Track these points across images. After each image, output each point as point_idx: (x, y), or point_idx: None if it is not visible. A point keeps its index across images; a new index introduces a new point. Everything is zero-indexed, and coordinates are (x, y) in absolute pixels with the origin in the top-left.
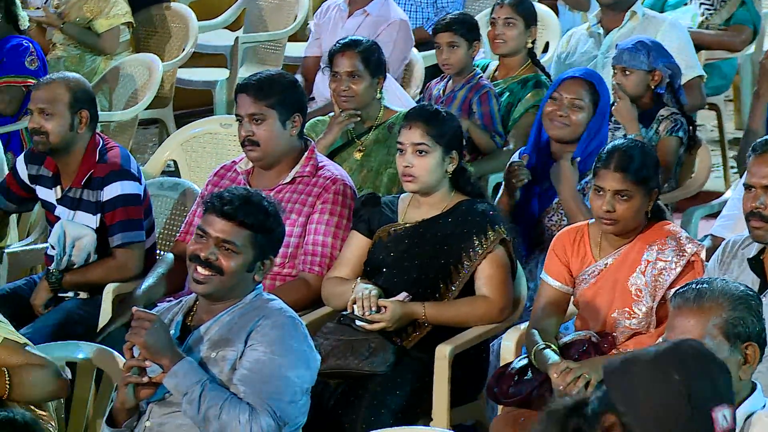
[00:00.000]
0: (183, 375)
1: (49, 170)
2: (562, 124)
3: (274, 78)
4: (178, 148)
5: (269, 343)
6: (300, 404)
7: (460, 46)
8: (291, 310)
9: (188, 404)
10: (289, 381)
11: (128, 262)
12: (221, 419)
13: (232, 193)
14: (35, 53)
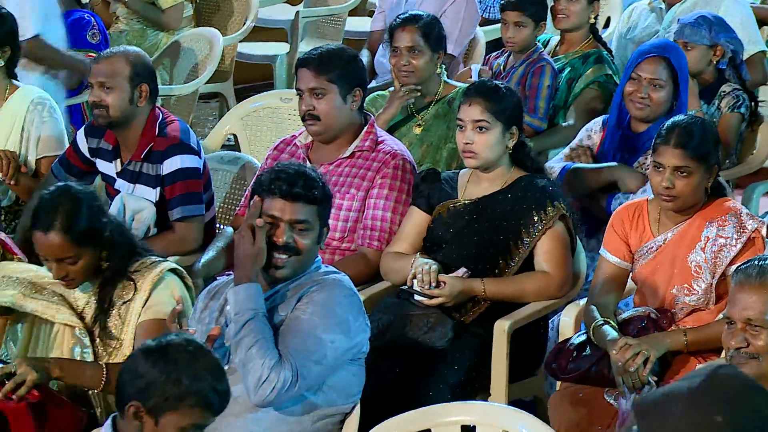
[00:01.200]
0: (244, 297)
1: (109, 144)
2: (644, 105)
3: (335, 52)
4: (238, 122)
5: (312, 304)
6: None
7: (527, 26)
8: (347, 281)
9: (233, 323)
10: (321, 342)
11: (188, 235)
12: (249, 352)
13: (288, 172)
14: (97, 27)
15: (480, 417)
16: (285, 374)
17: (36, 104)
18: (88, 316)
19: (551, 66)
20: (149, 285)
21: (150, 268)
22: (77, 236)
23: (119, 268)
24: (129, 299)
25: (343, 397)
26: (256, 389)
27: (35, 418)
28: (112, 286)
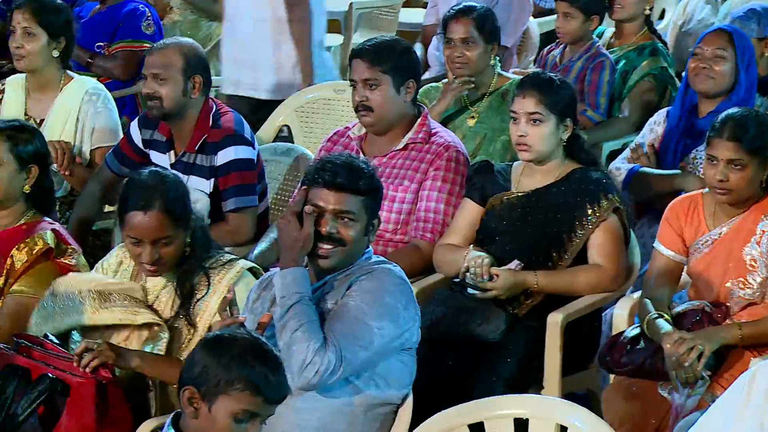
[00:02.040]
0: (291, 280)
1: (163, 135)
2: (706, 77)
3: (389, 44)
4: (291, 113)
5: (361, 291)
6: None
7: (576, 17)
8: (398, 270)
9: (279, 307)
10: (368, 328)
11: (241, 226)
12: (294, 335)
13: (334, 162)
14: (151, 18)
15: (533, 410)
16: (329, 357)
17: (90, 95)
18: (162, 309)
19: (610, 61)
20: (227, 286)
21: (227, 267)
22: (175, 216)
23: (199, 259)
24: (202, 297)
25: (394, 388)
26: (300, 372)
27: (97, 398)
28: (190, 278)
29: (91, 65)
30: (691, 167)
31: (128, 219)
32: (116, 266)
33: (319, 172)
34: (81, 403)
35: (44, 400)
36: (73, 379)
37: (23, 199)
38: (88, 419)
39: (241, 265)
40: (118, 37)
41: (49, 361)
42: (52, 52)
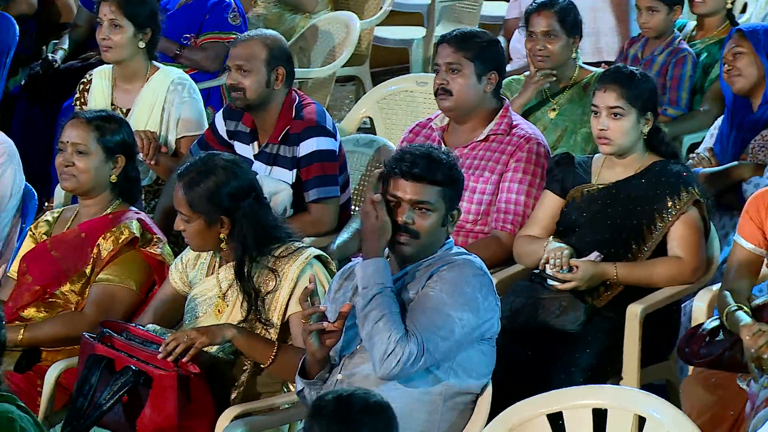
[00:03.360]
0: (373, 271)
1: (247, 126)
2: (734, 76)
3: (476, 33)
4: (374, 105)
5: (441, 282)
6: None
7: (660, 10)
8: (478, 261)
9: (362, 298)
10: (448, 318)
11: (323, 216)
12: (377, 325)
13: (413, 153)
14: (237, 10)
15: (612, 400)
16: (410, 348)
17: (176, 85)
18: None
19: (692, 55)
20: (296, 273)
21: (295, 255)
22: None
23: (252, 258)
24: (271, 290)
25: (474, 377)
26: (381, 361)
27: (179, 390)
28: (251, 278)
29: (179, 57)
30: (750, 157)
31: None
32: (195, 259)
33: (397, 162)
34: (163, 394)
35: (127, 390)
36: (156, 371)
37: (110, 189)
38: (170, 410)
39: (308, 253)
40: (205, 29)
41: (132, 351)
42: (138, 43)
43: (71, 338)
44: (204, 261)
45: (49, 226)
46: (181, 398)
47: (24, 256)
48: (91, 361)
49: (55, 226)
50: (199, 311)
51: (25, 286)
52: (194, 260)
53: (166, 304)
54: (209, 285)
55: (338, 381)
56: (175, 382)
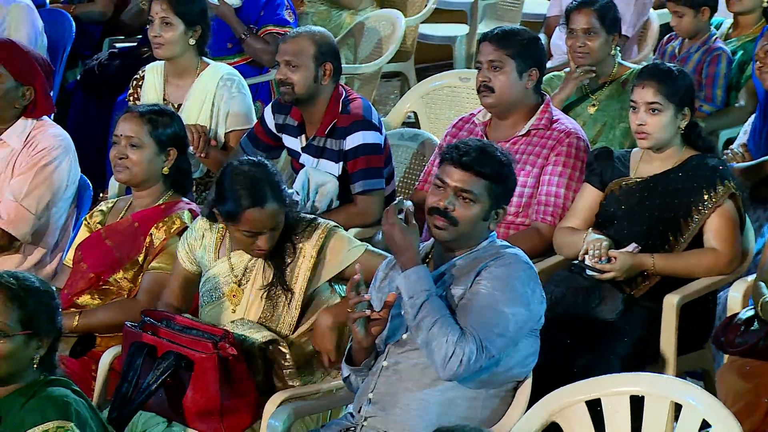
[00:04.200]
0: (415, 279)
1: (295, 120)
2: (765, 73)
3: (517, 31)
4: (418, 100)
5: (492, 279)
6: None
7: (686, 14)
8: (524, 255)
9: (410, 308)
10: (503, 315)
11: (369, 208)
12: (431, 331)
13: (468, 144)
14: (290, 7)
15: (649, 388)
16: (470, 347)
17: (225, 80)
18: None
19: (727, 54)
20: (315, 250)
21: (309, 230)
22: (283, 201)
23: (288, 231)
24: (290, 262)
25: (518, 367)
26: (444, 366)
27: (220, 372)
28: (280, 248)
29: (244, 41)
30: None
31: (246, 217)
32: (200, 239)
33: (452, 149)
34: (205, 376)
35: (170, 374)
36: (196, 355)
37: (162, 180)
38: (213, 392)
39: (323, 225)
40: (262, 23)
41: (174, 338)
42: (189, 40)
43: (124, 324)
44: (209, 242)
45: (104, 216)
46: (223, 380)
47: (79, 245)
48: (134, 348)
49: (109, 216)
50: (215, 294)
51: (80, 274)
52: (200, 240)
53: (181, 284)
54: (223, 268)
55: (383, 368)
56: (216, 364)
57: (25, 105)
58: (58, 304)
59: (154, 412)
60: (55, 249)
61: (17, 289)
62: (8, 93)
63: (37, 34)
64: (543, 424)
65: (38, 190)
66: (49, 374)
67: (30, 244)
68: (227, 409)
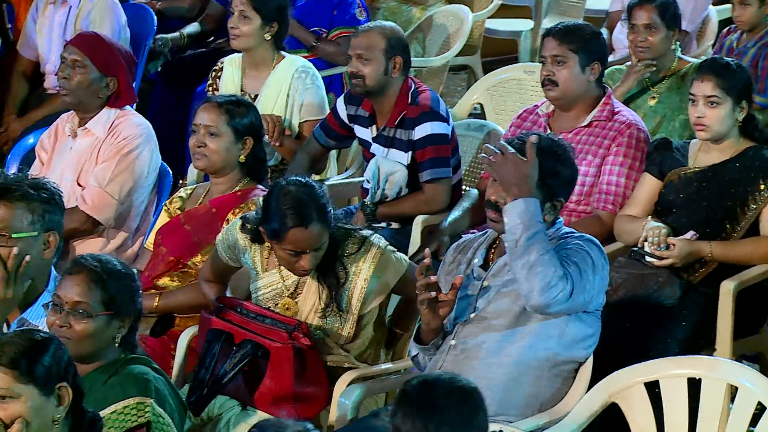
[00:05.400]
0: (535, 209)
1: (366, 111)
2: None
3: (579, 26)
4: (484, 92)
5: (572, 251)
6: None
7: (752, 4)
8: (593, 238)
9: (524, 227)
10: (586, 275)
11: (436, 196)
12: (543, 257)
13: (521, 140)
14: (362, 5)
15: (706, 371)
16: (568, 288)
17: (300, 72)
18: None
19: None
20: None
21: (363, 251)
22: (328, 221)
23: (335, 251)
24: (344, 283)
25: (580, 348)
26: (542, 291)
27: (295, 361)
28: (333, 269)
29: (316, 48)
30: None
31: (288, 237)
32: (243, 243)
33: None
34: (280, 365)
35: (247, 362)
36: (272, 344)
37: (239, 168)
38: (287, 379)
39: (377, 246)
40: (335, 24)
41: (249, 325)
42: (265, 35)
43: (202, 306)
44: (254, 252)
45: (183, 202)
46: (297, 368)
47: (159, 230)
48: (212, 335)
49: (188, 202)
50: (268, 304)
51: (160, 257)
52: (243, 246)
53: (219, 269)
54: (273, 279)
55: (451, 347)
56: (291, 354)
57: (108, 95)
58: (138, 285)
59: (230, 396)
60: (137, 233)
61: (100, 271)
62: (93, 83)
63: (120, 28)
64: (603, 404)
65: (121, 177)
66: (130, 353)
67: (113, 228)
68: (300, 395)
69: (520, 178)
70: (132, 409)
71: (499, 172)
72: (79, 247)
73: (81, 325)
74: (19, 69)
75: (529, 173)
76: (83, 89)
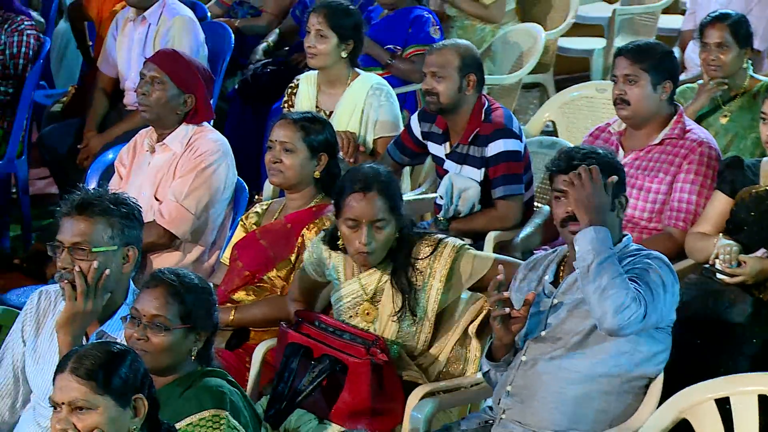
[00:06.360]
0: (604, 236)
1: (440, 128)
2: None
3: (651, 45)
4: (556, 110)
5: (641, 267)
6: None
7: None
8: (661, 254)
9: (595, 253)
10: (657, 294)
11: (509, 212)
12: (615, 280)
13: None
14: (436, 23)
15: None
16: (641, 309)
17: (375, 90)
18: (385, 306)
19: None
20: (445, 270)
21: (438, 252)
22: (391, 200)
23: (408, 253)
24: (421, 286)
25: (650, 365)
26: (614, 314)
27: (373, 376)
28: (405, 272)
29: (390, 66)
30: None
31: (347, 202)
32: (328, 258)
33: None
34: (358, 380)
35: (325, 377)
36: (350, 359)
37: (314, 184)
38: (365, 394)
39: (452, 244)
40: (409, 42)
41: (327, 340)
42: (341, 53)
43: (277, 320)
44: (338, 262)
45: (259, 217)
46: (374, 383)
47: (235, 244)
48: (290, 349)
49: (264, 217)
50: (350, 312)
51: (236, 272)
52: (327, 258)
53: (306, 287)
54: (353, 288)
55: (522, 362)
56: (369, 369)
57: (186, 111)
58: (215, 299)
59: (307, 410)
60: (213, 247)
61: (178, 285)
62: (171, 100)
63: (198, 45)
64: (673, 420)
65: (198, 192)
66: (206, 366)
67: (189, 242)
68: (377, 410)
69: (598, 205)
70: (208, 421)
71: (578, 196)
72: (156, 260)
73: (158, 338)
74: (100, 85)
75: (606, 202)
76: (161, 106)
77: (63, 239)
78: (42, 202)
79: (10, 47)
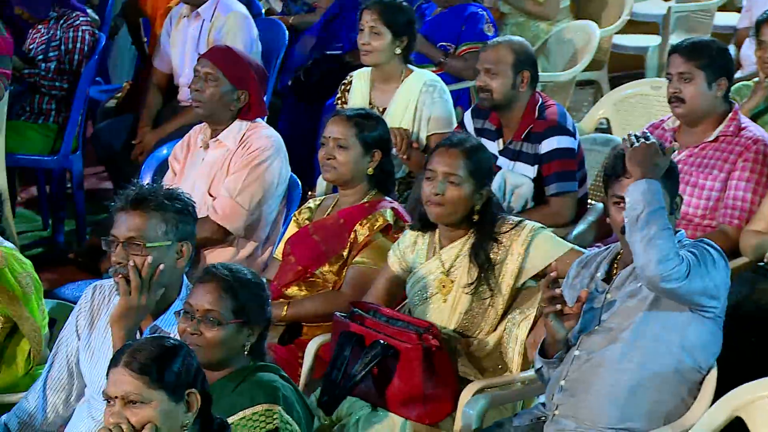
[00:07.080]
0: (656, 189)
1: (493, 124)
2: None
3: (706, 43)
4: (611, 107)
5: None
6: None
7: None
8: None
9: (646, 204)
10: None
11: (562, 209)
12: (663, 232)
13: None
14: (490, 20)
15: None
16: (683, 266)
17: (428, 86)
18: (460, 277)
19: None
20: (523, 248)
21: (517, 229)
22: (472, 164)
23: (489, 227)
24: (501, 260)
25: (703, 356)
26: (658, 263)
27: (425, 362)
28: (485, 246)
29: (443, 64)
30: None
31: (437, 152)
32: (412, 245)
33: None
34: (410, 366)
35: (377, 363)
36: (402, 345)
37: (367, 180)
38: (416, 381)
39: (530, 226)
40: (463, 39)
41: (380, 328)
42: (395, 49)
43: (329, 315)
44: (422, 246)
45: (311, 213)
46: (427, 369)
47: (288, 239)
48: (343, 337)
49: (317, 213)
50: (426, 291)
51: (289, 267)
52: (412, 246)
53: (388, 283)
54: (433, 266)
55: (575, 357)
56: (421, 354)
57: (240, 108)
58: (268, 295)
59: (360, 397)
60: (266, 243)
61: (231, 280)
62: (224, 96)
63: (252, 42)
64: (727, 418)
65: (251, 188)
66: (258, 360)
67: (243, 238)
68: (430, 397)
69: (652, 163)
70: (260, 415)
71: (634, 154)
72: (209, 256)
73: (211, 333)
74: (154, 81)
75: (659, 162)
76: (215, 102)
77: (117, 234)
78: (96, 198)
79: (65, 43)
